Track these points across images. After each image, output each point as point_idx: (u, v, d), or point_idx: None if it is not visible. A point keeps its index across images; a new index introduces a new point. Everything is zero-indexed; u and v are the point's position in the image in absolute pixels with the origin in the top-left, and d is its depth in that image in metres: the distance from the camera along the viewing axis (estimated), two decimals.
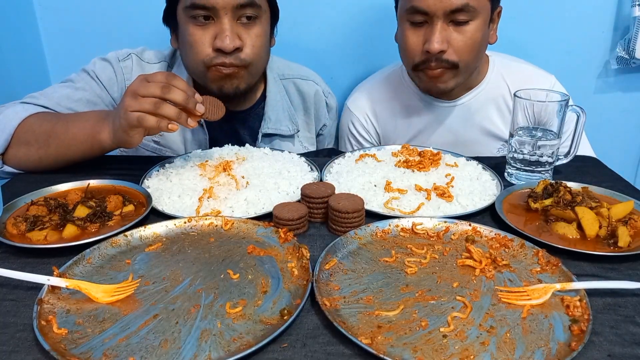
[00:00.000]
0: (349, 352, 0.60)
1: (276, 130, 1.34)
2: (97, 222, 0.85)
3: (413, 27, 1.18)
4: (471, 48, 1.17)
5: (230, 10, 1.11)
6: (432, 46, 1.13)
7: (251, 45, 1.15)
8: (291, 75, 1.40)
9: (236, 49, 1.12)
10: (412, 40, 1.18)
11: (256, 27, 1.16)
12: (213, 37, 1.12)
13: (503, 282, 0.72)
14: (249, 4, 1.12)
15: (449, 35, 1.15)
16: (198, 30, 1.13)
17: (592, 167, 1.17)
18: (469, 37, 1.15)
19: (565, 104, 1.01)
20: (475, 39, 1.16)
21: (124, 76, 1.26)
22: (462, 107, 1.34)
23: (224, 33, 1.11)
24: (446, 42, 1.15)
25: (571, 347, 0.59)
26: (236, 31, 1.13)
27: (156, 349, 0.59)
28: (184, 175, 1.04)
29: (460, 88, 1.30)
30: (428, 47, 1.14)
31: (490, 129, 1.35)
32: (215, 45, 1.12)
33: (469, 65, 1.21)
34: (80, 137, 1.05)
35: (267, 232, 0.84)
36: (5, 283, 0.71)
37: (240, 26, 1.14)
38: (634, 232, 0.83)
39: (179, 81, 0.95)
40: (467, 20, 1.14)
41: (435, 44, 1.13)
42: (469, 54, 1.18)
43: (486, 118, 1.34)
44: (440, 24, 1.13)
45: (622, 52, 1.67)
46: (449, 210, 0.92)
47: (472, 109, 1.34)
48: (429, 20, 1.15)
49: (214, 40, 1.12)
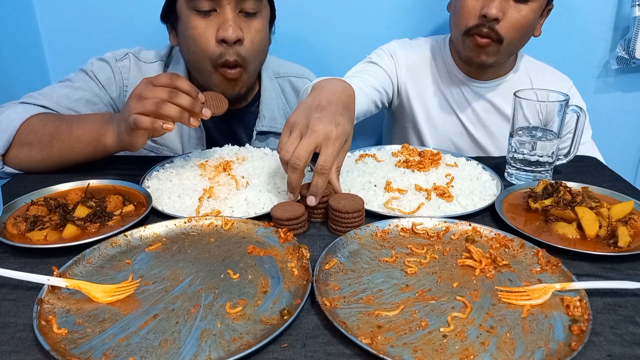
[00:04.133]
0: (349, 352, 0.60)
1: (271, 128, 1.34)
2: (97, 222, 0.85)
3: None
4: (521, 27, 1.22)
5: (234, 0, 1.11)
6: (490, 10, 1.18)
7: (251, 40, 1.16)
8: (286, 73, 1.41)
9: (238, 40, 1.12)
10: (471, 3, 1.23)
11: (256, 22, 1.17)
12: (216, 30, 1.12)
13: (503, 282, 0.72)
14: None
15: (506, 8, 1.20)
16: (201, 22, 1.13)
17: (592, 167, 1.17)
18: (523, 16, 1.20)
19: (566, 104, 1.01)
20: (527, 20, 1.21)
21: (122, 76, 1.26)
22: (490, 91, 1.39)
23: (227, 23, 1.11)
24: (502, 12, 1.19)
25: (571, 347, 0.59)
26: (238, 23, 1.13)
27: (156, 349, 0.59)
28: (184, 175, 1.04)
29: (493, 71, 1.36)
30: (486, 10, 1.19)
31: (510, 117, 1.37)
32: (218, 36, 1.12)
33: (512, 44, 1.25)
34: (84, 139, 1.05)
35: (267, 232, 0.84)
36: (5, 283, 0.71)
37: (242, 19, 1.14)
38: (634, 232, 0.83)
39: (183, 82, 0.95)
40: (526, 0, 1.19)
41: (494, 10, 1.18)
42: (517, 32, 1.22)
43: (507, 107, 1.38)
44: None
45: (622, 52, 1.67)
46: (449, 210, 0.92)
47: (497, 95, 1.39)
48: None
49: (217, 33, 1.12)
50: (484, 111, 1.40)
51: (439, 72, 1.42)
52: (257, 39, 1.17)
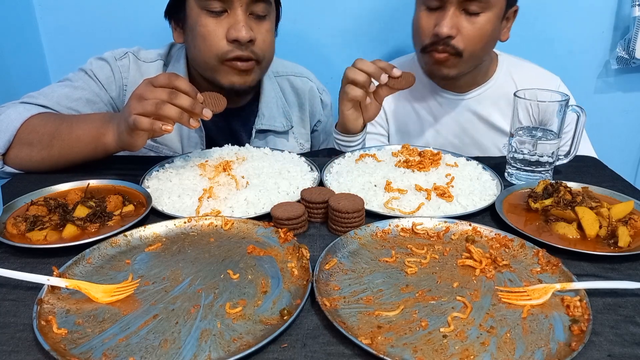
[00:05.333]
0: (349, 352, 0.60)
1: (270, 126, 1.35)
2: (97, 222, 0.85)
3: (427, 11, 1.22)
4: (479, 39, 1.20)
5: (245, 2, 1.11)
6: (441, 29, 1.17)
7: (262, 40, 1.17)
8: (285, 72, 1.41)
9: (250, 41, 1.13)
10: (424, 22, 1.22)
11: (266, 23, 1.17)
12: (226, 29, 1.13)
13: (503, 282, 0.72)
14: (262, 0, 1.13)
15: (459, 23, 1.19)
16: (211, 22, 1.13)
17: (592, 167, 1.17)
18: (478, 28, 1.19)
19: (566, 104, 1.01)
20: (485, 31, 1.20)
21: (122, 75, 1.26)
22: (471, 101, 1.37)
23: (239, 24, 1.11)
24: (455, 29, 1.18)
25: (571, 347, 0.59)
26: (249, 24, 1.13)
27: (156, 349, 0.59)
28: (184, 175, 1.04)
29: (469, 83, 1.34)
30: (438, 30, 1.18)
31: (497, 124, 1.38)
32: (230, 36, 1.12)
33: (473, 55, 1.23)
34: (85, 139, 1.05)
35: (267, 232, 0.84)
36: (5, 283, 0.71)
37: (252, 20, 1.15)
38: (634, 232, 0.83)
39: (182, 82, 0.95)
40: (479, 11, 1.18)
41: (445, 28, 1.17)
42: (476, 44, 1.21)
43: (493, 114, 1.37)
44: (452, 10, 1.18)
45: (622, 52, 1.67)
46: (449, 210, 0.92)
47: (480, 104, 1.37)
48: (443, 6, 1.19)
49: (228, 32, 1.12)
50: (468, 122, 1.39)
51: (415, 94, 1.40)
52: (268, 39, 1.19)
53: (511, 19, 1.28)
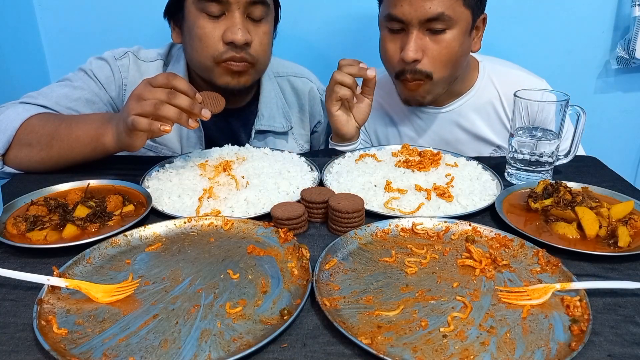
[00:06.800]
0: (349, 352, 0.60)
1: (269, 127, 1.35)
2: (97, 222, 0.85)
3: (391, 35, 1.17)
4: (447, 58, 1.15)
5: (243, 5, 1.11)
6: (406, 55, 1.13)
7: (259, 42, 1.16)
8: (285, 72, 1.41)
9: (246, 43, 1.13)
10: (390, 47, 1.18)
11: (263, 25, 1.17)
12: (222, 31, 1.13)
13: (503, 282, 0.72)
14: (260, 2, 1.13)
15: (424, 44, 1.13)
16: (209, 24, 1.13)
17: (592, 167, 1.17)
18: (444, 47, 1.13)
19: (565, 104, 1.01)
20: (452, 49, 1.14)
21: (121, 74, 1.26)
22: (451, 114, 1.34)
23: (235, 26, 1.11)
24: (421, 51, 1.13)
25: (571, 347, 0.59)
26: (246, 27, 1.13)
27: (156, 349, 0.59)
28: (184, 175, 1.04)
29: (447, 95, 1.29)
30: (403, 55, 1.13)
31: (480, 134, 1.34)
32: (226, 38, 1.12)
33: (444, 76, 1.18)
34: (84, 139, 1.05)
35: (267, 232, 0.84)
36: (5, 283, 0.71)
37: (250, 23, 1.15)
38: (634, 232, 0.83)
39: (180, 82, 0.95)
40: (443, 29, 1.12)
41: (410, 53, 1.12)
42: (444, 64, 1.16)
43: (475, 124, 1.33)
44: (416, 32, 1.12)
45: (622, 52, 1.67)
46: (449, 210, 0.92)
47: (460, 115, 1.33)
48: (406, 28, 1.14)
49: (224, 35, 1.12)
50: (449, 134, 1.35)
51: (395, 108, 1.38)
52: (265, 41, 1.18)
53: (481, 27, 1.22)
